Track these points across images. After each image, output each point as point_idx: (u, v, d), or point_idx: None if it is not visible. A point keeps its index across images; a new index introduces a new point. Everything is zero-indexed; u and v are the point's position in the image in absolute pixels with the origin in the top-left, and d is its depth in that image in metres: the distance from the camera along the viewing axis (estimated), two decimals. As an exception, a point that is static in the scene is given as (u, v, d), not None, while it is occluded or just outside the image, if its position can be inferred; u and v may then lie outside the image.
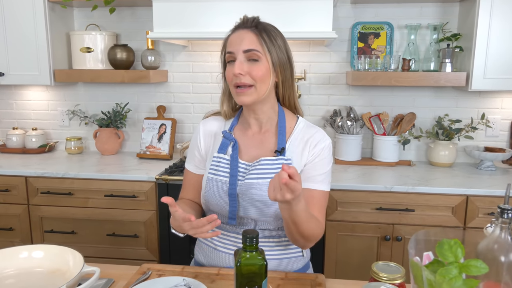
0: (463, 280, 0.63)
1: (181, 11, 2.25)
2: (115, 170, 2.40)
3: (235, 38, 1.21)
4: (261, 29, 1.21)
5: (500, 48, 2.21)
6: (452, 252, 0.67)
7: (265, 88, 1.22)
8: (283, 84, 1.26)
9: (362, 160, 2.59)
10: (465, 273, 0.64)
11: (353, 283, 1.18)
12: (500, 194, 2.06)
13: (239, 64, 1.19)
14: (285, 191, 0.98)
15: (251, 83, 1.20)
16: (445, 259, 0.67)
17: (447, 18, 2.51)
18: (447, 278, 0.62)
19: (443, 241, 0.69)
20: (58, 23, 2.62)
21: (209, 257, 1.32)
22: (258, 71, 1.19)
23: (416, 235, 0.74)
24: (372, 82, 2.33)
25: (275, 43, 1.21)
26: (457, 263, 0.66)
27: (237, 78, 1.19)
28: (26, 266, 1.10)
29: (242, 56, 1.19)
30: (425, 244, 0.73)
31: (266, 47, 1.19)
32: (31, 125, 2.94)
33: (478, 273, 0.64)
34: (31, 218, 2.40)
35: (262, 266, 0.92)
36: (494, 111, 2.57)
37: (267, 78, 1.21)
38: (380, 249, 2.18)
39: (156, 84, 2.81)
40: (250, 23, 1.22)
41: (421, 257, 0.73)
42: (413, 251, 0.72)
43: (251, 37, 1.19)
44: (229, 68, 1.23)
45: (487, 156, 2.40)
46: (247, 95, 1.21)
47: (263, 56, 1.19)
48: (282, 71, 1.24)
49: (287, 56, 1.25)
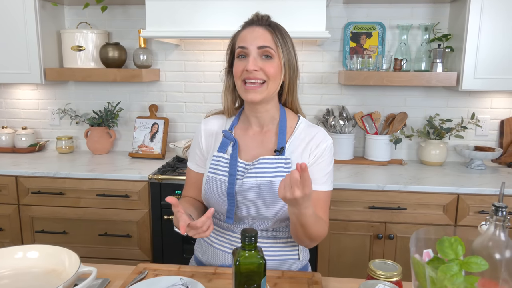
0: (464, 277, 0.64)
1: (174, 9, 2.24)
2: (107, 169, 2.38)
3: (249, 34, 1.22)
4: (275, 27, 1.23)
5: (490, 49, 2.24)
6: (453, 249, 0.68)
7: (276, 86, 1.23)
8: (289, 85, 1.27)
9: (354, 159, 2.60)
10: (464, 270, 0.65)
11: (349, 281, 1.19)
12: (490, 192, 2.09)
13: (253, 60, 1.19)
14: (295, 188, 0.99)
15: (264, 79, 1.20)
16: (446, 256, 0.68)
17: (437, 18, 2.53)
18: (449, 275, 0.63)
19: (444, 239, 0.70)
20: (48, 21, 2.59)
21: (206, 254, 1.33)
22: (271, 67, 1.20)
23: (416, 233, 0.75)
24: (365, 81, 2.34)
25: (287, 43, 1.23)
26: (457, 260, 0.67)
27: (249, 73, 1.19)
28: (21, 266, 1.08)
29: (256, 52, 1.20)
30: (425, 242, 0.74)
31: (280, 45, 1.21)
32: (20, 124, 2.91)
33: (479, 269, 0.65)
34: (22, 218, 2.37)
35: (261, 264, 0.92)
36: (484, 110, 2.61)
37: (278, 76, 1.23)
38: (372, 248, 2.20)
39: (148, 83, 2.79)
40: (265, 21, 1.23)
41: (421, 254, 0.74)
42: (414, 248, 0.72)
43: (266, 34, 1.21)
44: (239, 62, 1.22)
45: (477, 155, 2.43)
46: (257, 93, 1.21)
47: (276, 54, 1.21)
48: (290, 71, 1.25)
49: (294, 58, 1.26)
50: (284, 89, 1.28)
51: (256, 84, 1.20)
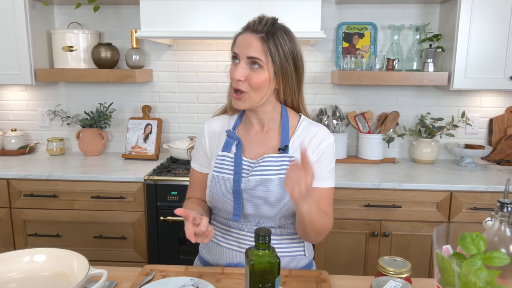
0: (487, 271, 0.66)
1: (169, 10, 2.23)
2: (101, 171, 2.36)
3: (242, 41, 1.21)
4: (270, 36, 1.19)
5: (479, 49, 2.29)
6: (475, 244, 0.70)
7: (260, 96, 1.23)
8: (284, 91, 1.27)
9: (348, 158, 2.63)
10: (486, 264, 0.67)
11: (356, 279, 1.21)
12: (482, 189, 2.14)
13: (241, 70, 1.19)
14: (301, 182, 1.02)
15: (245, 90, 1.21)
16: (468, 251, 0.70)
17: (428, 19, 2.58)
18: (473, 269, 0.65)
19: (465, 235, 0.72)
20: (38, 21, 2.55)
21: (212, 253, 1.33)
22: (257, 78, 1.19)
23: (437, 229, 0.76)
24: (358, 81, 2.37)
25: (281, 52, 1.20)
26: (480, 255, 0.69)
27: (235, 82, 1.21)
28: (28, 270, 1.07)
29: (245, 61, 1.20)
30: (444, 238, 0.76)
31: (270, 56, 1.18)
32: (10, 126, 2.85)
33: (501, 263, 0.67)
34: (14, 221, 2.33)
35: (275, 263, 0.93)
36: (473, 109, 2.66)
37: (264, 86, 1.21)
38: (368, 245, 2.23)
39: (140, 84, 2.77)
40: (262, 28, 1.20)
41: (441, 250, 0.75)
42: (437, 244, 0.74)
43: (257, 45, 1.18)
44: (232, 67, 1.23)
45: (467, 153, 2.48)
46: (241, 101, 1.23)
47: (265, 65, 1.19)
48: (284, 80, 1.24)
49: (293, 64, 1.23)
50: (279, 94, 1.29)
51: (240, 93, 1.22)
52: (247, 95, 1.21)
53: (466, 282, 0.64)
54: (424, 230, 2.19)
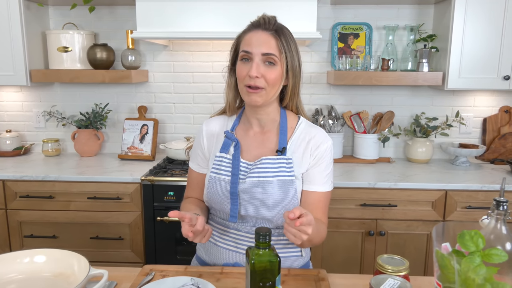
0: (486, 268, 0.68)
1: (164, 10, 2.23)
2: (97, 172, 2.36)
3: (254, 39, 1.22)
4: (280, 33, 1.22)
5: (473, 49, 2.31)
6: (473, 242, 0.71)
7: (274, 91, 1.25)
8: (291, 89, 1.28)
9: (344, 157, 2.65)
10: (485, 261, 0.69)
11: (354, 277, 1.22)
12: (476, 188, 2.16)
13: (256, 67, 1.20)
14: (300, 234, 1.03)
15: (263, 86, 1.21)
16: (467, 248, 0.71)
17: (422, 19, 2.60)
18: (472, 266, 0.66)
19: (464, 232, 0.73)
20: (33, 22, 2.54)
21: (210, 253, 1.34)
22: (272, 74, 1.21)
23: (436, 227, 0.78)
24: (354, 81, 2.39)
25: (291, 48, 1.23)
26: (479, 252, 0.70)
27: (251, 79, 1.21)
28: (28, 271, 1.07)
29: (260, 58, 1.21)
30: (443, 236, 0.77)
31: (283, 52, 1.21)
32: (4, 127, 2.84)
33: (499, 260, 0.68)
34: (9, 223, 2.32)
35: (275, 262, 0.94)
36: (467, 109, 2.69)
37: (278, 82, 1.23)
38: (364, 244, 2.24)
39: (136, 84, 2.77)
40: (272, 26, 1.22)
41: (440, 248, 0.77)
42: (437, 242, 0.75)
43: (271, 41, 1.20)
44: (242, 66, 1.23)
45: (462, 152, 2.51)
46: (259, 96, 1.22)
47: (279, 61, 1.21)
48: (293, 76, 1.26)
49: (298, 62, 1.27)
50: (286, 93, 1.30)
51: (256, 88, 1.22)
52: (264, 91, 1.22)
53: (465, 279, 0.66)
54: (419, 229, 2.21)
